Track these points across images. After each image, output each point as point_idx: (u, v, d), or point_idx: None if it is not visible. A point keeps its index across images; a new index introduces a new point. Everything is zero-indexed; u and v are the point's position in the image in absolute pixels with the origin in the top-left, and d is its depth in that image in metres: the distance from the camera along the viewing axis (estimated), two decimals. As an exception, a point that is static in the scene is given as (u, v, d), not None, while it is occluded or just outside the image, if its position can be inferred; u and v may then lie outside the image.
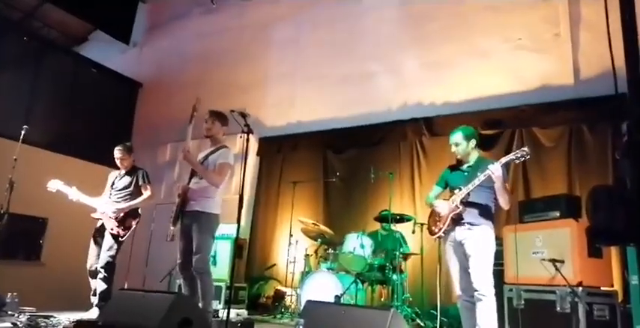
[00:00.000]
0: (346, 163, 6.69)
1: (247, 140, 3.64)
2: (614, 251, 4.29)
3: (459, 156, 3.73)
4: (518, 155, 3.28)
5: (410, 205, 6.03)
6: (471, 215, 3.48)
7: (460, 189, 3.49)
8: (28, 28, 8.24)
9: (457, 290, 3.59)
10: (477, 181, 3.37)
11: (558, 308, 3.74)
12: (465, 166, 3.68)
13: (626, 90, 1.43)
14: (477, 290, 3.31)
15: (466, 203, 3.47)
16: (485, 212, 3.49)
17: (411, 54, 6.54)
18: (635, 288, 3.32)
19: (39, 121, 7.08)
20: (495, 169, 3.26)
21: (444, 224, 3.55)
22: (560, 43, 5.54)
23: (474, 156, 3.67)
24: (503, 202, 3.43)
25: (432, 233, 3.70)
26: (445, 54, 6.27)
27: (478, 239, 3.42)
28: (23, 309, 4.26)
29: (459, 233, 3.50)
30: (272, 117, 7.45)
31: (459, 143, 3.63)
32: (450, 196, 3.59)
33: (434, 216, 3.72)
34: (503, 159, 3.33)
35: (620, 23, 1.48)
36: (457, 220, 3.51)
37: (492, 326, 3.28)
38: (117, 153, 4.98)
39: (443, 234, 3.59)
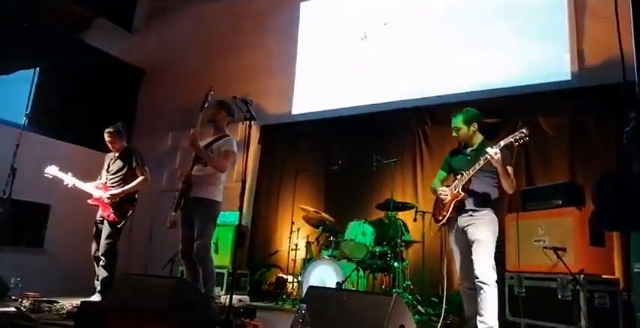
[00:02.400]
0: (348, 152, 6.65)
1: (250, 127, 3.64)
2: (615, 240, 4.29)
3: (460, 140, 3.72)
4: (517, 137, 3.24)
5: (412, 193, 6.03)
6: (473, 201, 3.48)
7: (462, 175, 3.48)
8: (30, 14, 8.17)
9: (459, 277, 3.61)
10: (477, 166, 3.37)
11: (559, 296, 3.75)
12: (468, 150, 3.67)
13: (633, 77, 1.41)
14: (477, 278, 3.32)
15: (468, 189, 3.47)
16: (487, 198, 3.49)
17: (413, 42, 6.49)
18: (639, 276, 3.32)
19: (41, 108, 7.06)
20: (494, 153, 3.23)
21: (447, 211, 3.55)
22: (564, 31, 5.48)
23: (478, 139, 3.65)
24: (507, 186, 3.41)
25: (436, 220, 3.70)
26: (447, 42, 6.21)
27: (480, 225, 3.42)
28: (26, 294, 4.27)
29: (462, 220, 3.51)
30: (274, 105, 7.41)
31: (460, 127, 3.63)
32: (453, 181, 3.58)
33: (439, 203, 3.70)
34: (502, 142, 3.29)
35: (631, 11, 1.46)
36: (459, 207, 3.50)
37: (493, 313, 3.29)
38: (106, 136, 4.87)
39: (447, 222, 3.59)
